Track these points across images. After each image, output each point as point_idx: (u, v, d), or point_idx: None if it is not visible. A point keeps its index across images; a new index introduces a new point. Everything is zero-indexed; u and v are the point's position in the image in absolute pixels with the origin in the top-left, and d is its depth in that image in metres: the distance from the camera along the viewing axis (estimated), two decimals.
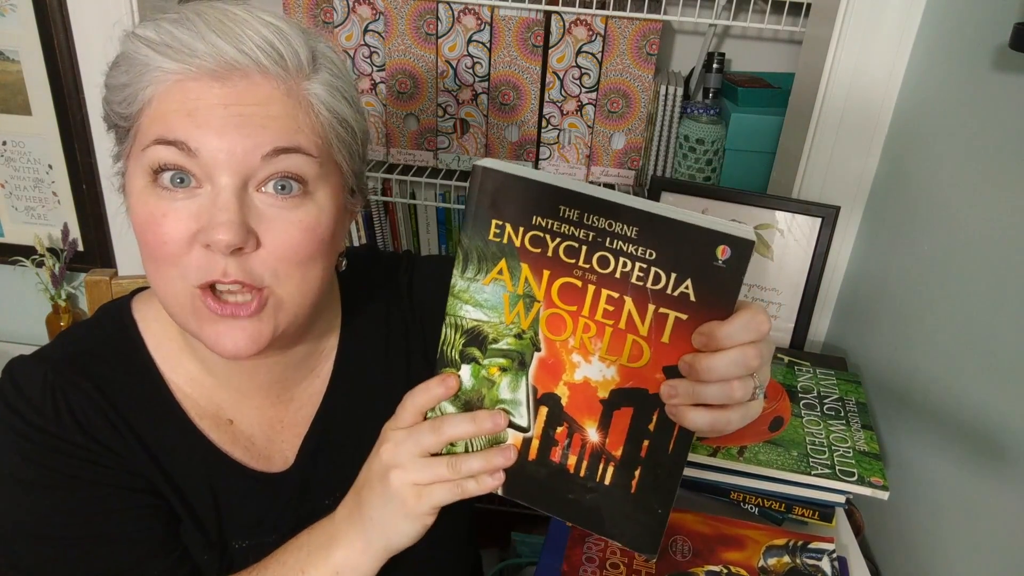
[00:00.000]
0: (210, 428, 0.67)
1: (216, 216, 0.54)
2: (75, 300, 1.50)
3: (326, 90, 0.59)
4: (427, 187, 1.50)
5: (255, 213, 0.56)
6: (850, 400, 0.92)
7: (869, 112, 1.03)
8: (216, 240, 0.53)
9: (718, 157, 1.36)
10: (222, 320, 0.56)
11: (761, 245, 1.07)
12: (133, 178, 0.57)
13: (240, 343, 0.57)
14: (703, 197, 1.08)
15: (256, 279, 0.56)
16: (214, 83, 0.54)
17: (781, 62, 1.45)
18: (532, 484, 0.60)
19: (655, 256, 0.51)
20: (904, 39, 0.99)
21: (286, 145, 0.55)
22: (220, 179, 0.54)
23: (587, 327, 0.54)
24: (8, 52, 1.30)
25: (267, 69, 0.55)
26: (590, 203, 0.51)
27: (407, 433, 0.58)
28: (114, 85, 0.57)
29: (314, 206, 0.58)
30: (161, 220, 0.55)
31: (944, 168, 0.88)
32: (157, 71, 0.55)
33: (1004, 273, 0.74)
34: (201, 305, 0.56)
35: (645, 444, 0.55)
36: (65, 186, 1.40)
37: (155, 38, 0.55)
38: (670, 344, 0.52)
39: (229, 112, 0.54)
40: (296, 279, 0.58)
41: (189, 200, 0.55)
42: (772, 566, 0.76)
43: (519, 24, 1.29)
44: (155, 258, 0.56)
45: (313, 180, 0.58)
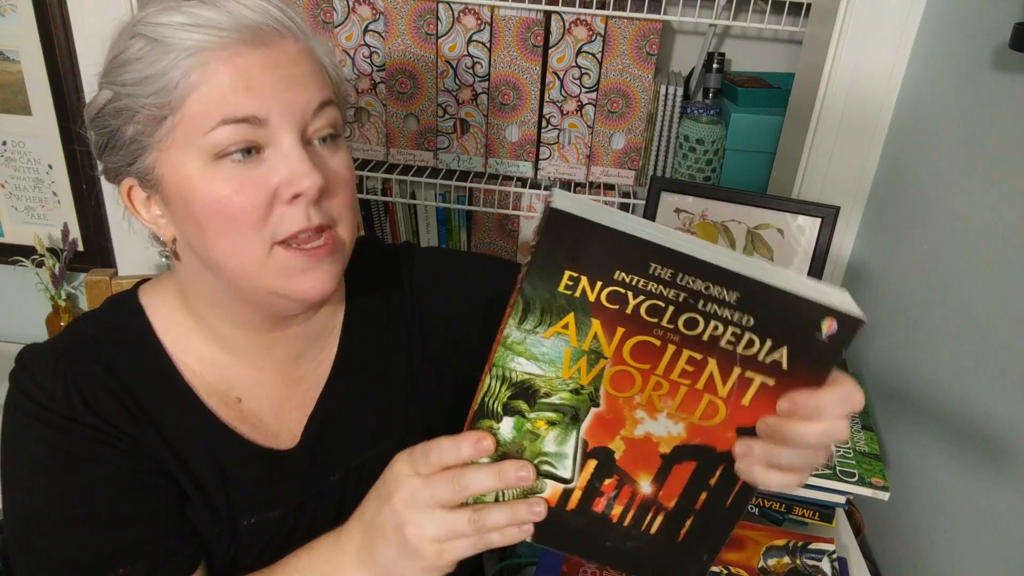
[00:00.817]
0: (218, 406, 0.68)
1: (296, 169, 0.58)
2: (75, 300, 1.50)
3: (322, 48, 0.64)
4: (427, 187, 1.50)
5: (319, 162, 0.61)
6: None
7: (869, 112, 1.03)
8: (305, 187, 0.58)
9: (718, 157, 1.36)
10: (305, 269, 0.61)
11: (761, 245, 1.07)
12: (182, 165, 0.59)
13: (326, 283, 0.62)
14: (703, 197, 1.08)
15: (329, 219, 0.62)
16: (255, 51, 0.58)
17: (781, 62, 1.45)
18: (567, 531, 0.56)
19: (753, 323, 0.47)
20: (904, 39, 0.99)
21: (326, 98, 0.62)
22: (284, 138, 0.59)
23: (659, 385, 0.50)
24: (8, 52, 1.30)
25: (290, 31, 0.60)
26: (688, 264, 0.46)
27: (423, 483, 0.53)
28: (141, 78, 0.57)
29: (345, 150, 0.65)
30: (239, 191, 0.58)
31: (944, 168, 0.88)
32: (197, 53, 0.56)
33: (1004, 273, 0.74)
34: (285, 259, 0.60)
35: (702, 497, 0.53)
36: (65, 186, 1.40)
37: (183, 20, 0.57)
38: (749, 407, 0.50)
39: (278, 75, 0.58)
40: (349, 219, 0.65)
41: (258, 166, 0.59)
42: (772, 567, 0.76)
43: (519, 24, 1.29)
44: (235, 228, 0.59)
45: (340, 128, 0.64)
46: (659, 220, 1.09)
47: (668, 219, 1.09)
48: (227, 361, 0.69)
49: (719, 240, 1.08)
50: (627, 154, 1.39)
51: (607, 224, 0.44)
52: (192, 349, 0.68)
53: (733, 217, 1.07)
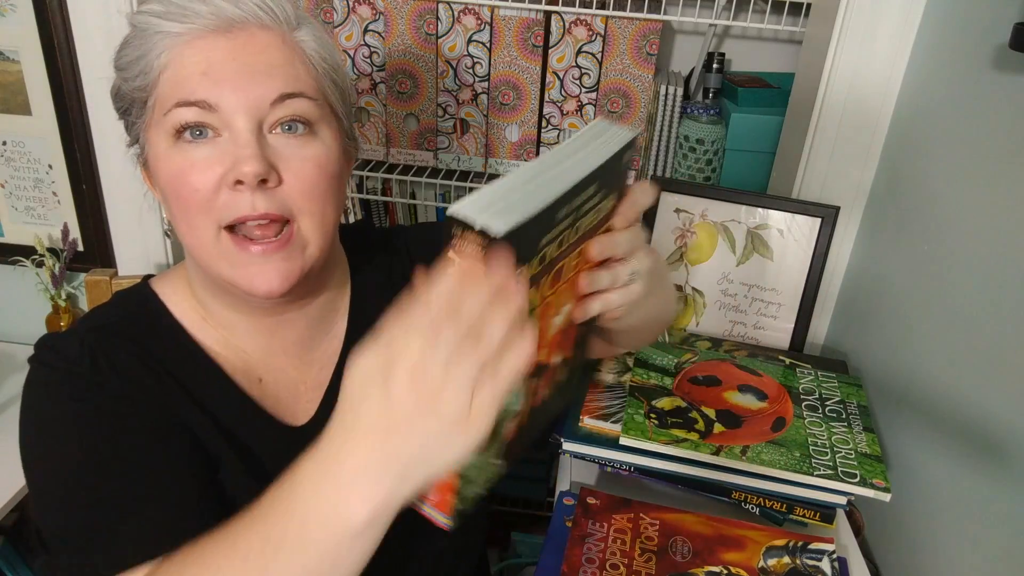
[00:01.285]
0: (243, 382, 0.70)
1: (239, 153, 0.59)
2: (75, 300, 1.50)
3: (314, 39, 0.65)
4: (427, 187, 1.50)
5: (272, 152, 0.61)
6: (851, 403, 0.92)
7: (869, 112, 1.03)
8: (244, 172, 0.58)
9: (718, 157, 1.36)
10: (253, 261, 0.61)
11: (761, 245, 1.07)
12: (156, 143, 0.62)
13: (273, 281, 0.61)
14: (703, 197, 1.08)
15: (283, 210, 0.61)
16: (220, 38, 0.60)
17: (781, 62, 1.45)
18: (523, 439, 0.57)
19: (598, 193, 0.52)
20: (904, 39, 0.99)
21: (290, 91, 0.61)
22: (237, 124, 0.60)
23: (561, 290, 0.53)
24: (8, 52, 1.30)
25: (264, 21, 0.62)
26: (567, 196, 0.47)
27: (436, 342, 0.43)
28: (127, 63, 0.62)
29: (321, 143, 0.64)
30: (189, 170, 0.60)
31: (944, 168, 0.88)
32: (168, 37, 0.60)
33: (1004, 273, 0.74)
34: (231, 247, 0.61)
35: (577, 347, 0.61)
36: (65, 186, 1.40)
37: (160, 8, 0.60)
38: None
39: (238, 64, 0.60)
40: (316, 215, 0.63)
41: (211, 148, 0.60)
42: (772, 567, 0.76)
43: (519, 24, 1.29)
44: (186, 208, 0.61)
45: (316, 121, 0.63)
46: (659, 220, 1.09)
47: (668, 219, 1.09)
48: (241, 346, 0.71)
49: (719, 240, 1.08)
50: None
51: (519, 221, 0.42)
52: (209, 334, 0.70)
53: (733, 217, 1.07)
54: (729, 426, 0.85)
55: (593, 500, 0.83)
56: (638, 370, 0.93)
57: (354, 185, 1.44)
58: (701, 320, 1.11)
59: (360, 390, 0.45)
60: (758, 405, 0.90)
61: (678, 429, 0.83)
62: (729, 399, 0.90)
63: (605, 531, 0.80)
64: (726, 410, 0.88)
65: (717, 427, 0.85)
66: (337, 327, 0.77)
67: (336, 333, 0.76)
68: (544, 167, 0.48)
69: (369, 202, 1.48)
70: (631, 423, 0.83)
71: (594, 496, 0.84)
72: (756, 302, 1.08)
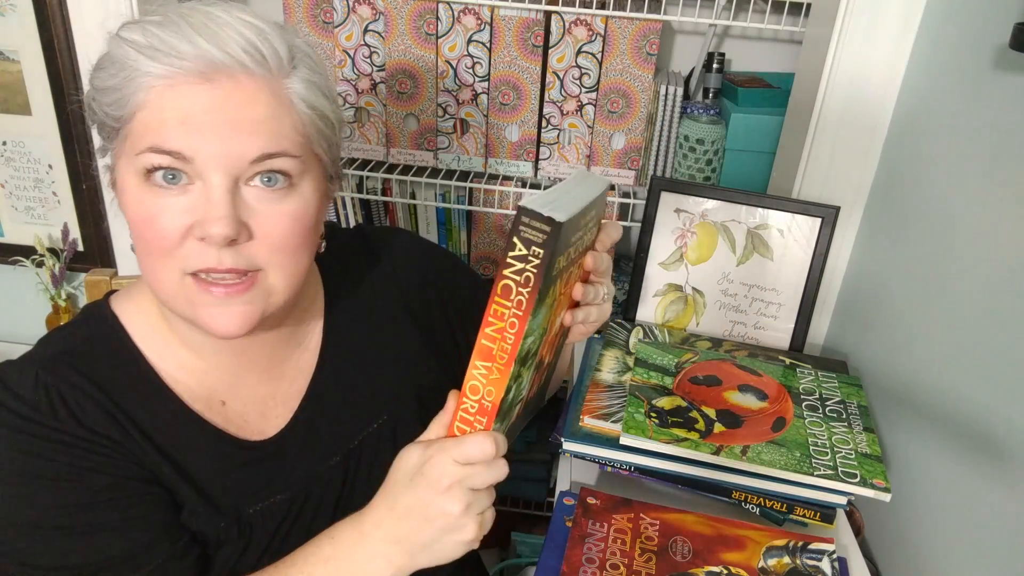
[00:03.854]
0: (203, 410, 0.69)
1: (210, 212, 0.57)
2: (75, 300, 1.50)
3: (305, 86, 0.62)
4: (427, 187, 1.50)
5: (245, 206, 0.59)
6: (852, 403, 0.92)
7: (869, 112, 1.03)
8: (212, 234, 0.57)
9: (718, 157, 1.36)
10: (214, 303, 0.60)
11: (761, 245, 1.07)
12: (125, 176, 0.60)
13: (233, 323, 0.61)
14: (703, 197, 1.08)
15: (251, 265, 0.60)
16: (202, 85, 0.57)
17: (781, 62, 1.45)
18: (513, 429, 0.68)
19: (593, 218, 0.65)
20: (904, 39, 0.99)
21: (272, 151, 0.59)
22: (212, 178, 0.58)
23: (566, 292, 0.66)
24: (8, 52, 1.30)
25: (251, 69, 0.58)
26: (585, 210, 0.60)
27: (467, 473, 0.59)
28: (103, 87, 0.59)
29: (299, 197, 0.62)
30: (157, 216, 0.58)
31: (944, 168, 0.88)
32: (146, 76, 0.57)
33: (1004, 274, 0.74)
34: (195, 291, 0.60)
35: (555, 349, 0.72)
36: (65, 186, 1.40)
37: (142, 41, 0.57)
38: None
39: (218, 117, 0.57)
40: (287, 267, 0.63)
41: (182, 196, 0.58)
42: (772, 567, 0.76)
43: (519, 24, 1.29)
44: (151, 251, 0.59)
45: (297, 175, 0.62)
46: (659, 220, 1.09)
47: (668, 219, 1.09)
48: (204, 368, 0.69)
49: (719, 240, 1.08)
50: (627, 154, 1.39)
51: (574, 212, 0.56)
52: (171, 356, 0.68)
53: (733, 217, 1.07)
54: (729, 426, 0.85)
55: (593, 500, 0.83)
56: (638, 369, 0.93)
57: (354, 185, 1.44)
58: (701, 320, 1.11)
59: (401, 478, 0.61)
60: (758, 405, 0.90)
61: (678, 428, 0.83)
62: (729, 399, 0.90)
63: (605, 531, 0.80)
64: (726, 410, 0.88)
65: (717, 427, 0.85)
66: (310, 339, 0.76)
67: (309, 345, 0.76)
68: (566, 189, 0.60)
69: (369, 202, 1.48)
70: (631, 422, 0.83)
71: (594, 496, 0.84)
72: (756, 302, 1.08)
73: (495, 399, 0.58)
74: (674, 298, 1.11)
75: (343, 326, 0.78)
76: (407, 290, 0.83)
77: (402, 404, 0.79)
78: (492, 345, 0.56)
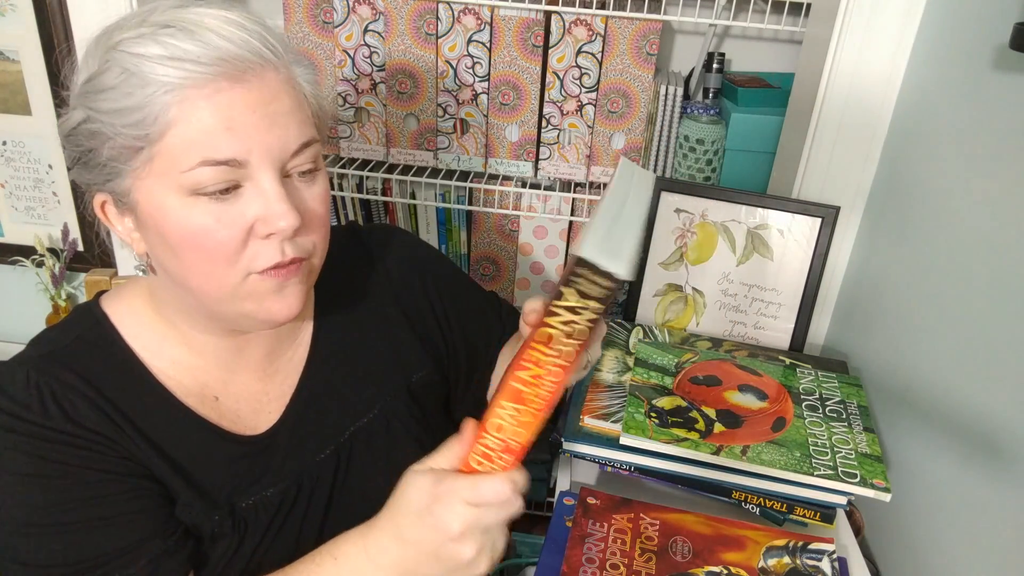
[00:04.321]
0: (196, 405, 0.69)
1: (271, 208, 0.59)
2: (75, 300, 1.50)
3: (305, 71, 0.64)
4: (427, 187, 1.50)
5: (294, 196, 0.61)
6: (852, 403, 0.92)
7: (869, 112, 1.03)
8: (280, 228, 0.59)
9: (718, 157, 1.36)
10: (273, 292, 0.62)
11: (761, 245, 1.07)
12: (158, 195, 0.58)
13: (293, 305, 0.64)
14: (703, 197, 1.08)
15: (307, 253, 0.64)
16: (236, 87, 0.57)
17: (781, 62, 1.45)
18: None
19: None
20: (904, 39, 0.99)
21: (306, 139, 0.62)
22: (263, 176, 0.59)
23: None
24: (8, 52, 1.30)
25: (272, 63, 0.59)
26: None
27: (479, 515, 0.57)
28: (117, 109, 0.56)
29: (323, 178, 0.66)
30: (216, 226, 0.58)
31: (944, 168, 0.88)
32: (176, 89, 0.55)
33: (1004, 273, 0.74)
34: (258, 285, 0.61)
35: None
36: (65, 186, 1.40)
37: (160, 52, 0.55)
38: None
39: (259, 116, 0.58)
40: (323, 245, 0.66)
41: (236, 201, 0.59)
42: (772, 567, 0.76)
43: (519, 24, 1.29)
44: (212, 260, 0.60)
45: (319, 159, 0.65)
46: (659, 220, 1.09)
47: (668, 219, 1.09)
48: (199, 364, 0.70)
49: (719, 240, 1.08)
50: (627, 154, 1.39)
51: (633, 261, 0.49)
52: (164, 354, 0.68)
53: (733, 217, 1.07)
54: (729, 426, 0.85)
55: (593, 500, 0.83)
56: (638, 369, 0.93)
57: (354, 185, 1.44)
58: (701, 320, 1.11)
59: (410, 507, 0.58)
60: (758, 405, 0.90)
61: (678, 428, 0.83)
62: (729, 399, 0.90)
63: (605, 531, 0.80)
64: (726, 410, 0.88)
65: (717, 427, 0.85)
66: (302, 336, 0.77)
67: (301, 341, 0.77)
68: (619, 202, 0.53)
69: (369, 202, 1.48)
70: (631, 422, 0.83)
71: (594, 496, 0.84)
72: (756, 302, 1.08)
73: (524, 441, 0.56)
74: (674, 298, 1.11)
75: (334, 322, 0.79)
76: (397, 286, 0.83)
77: (393, 398, 0.79)
78: (525, 389, 0.53)
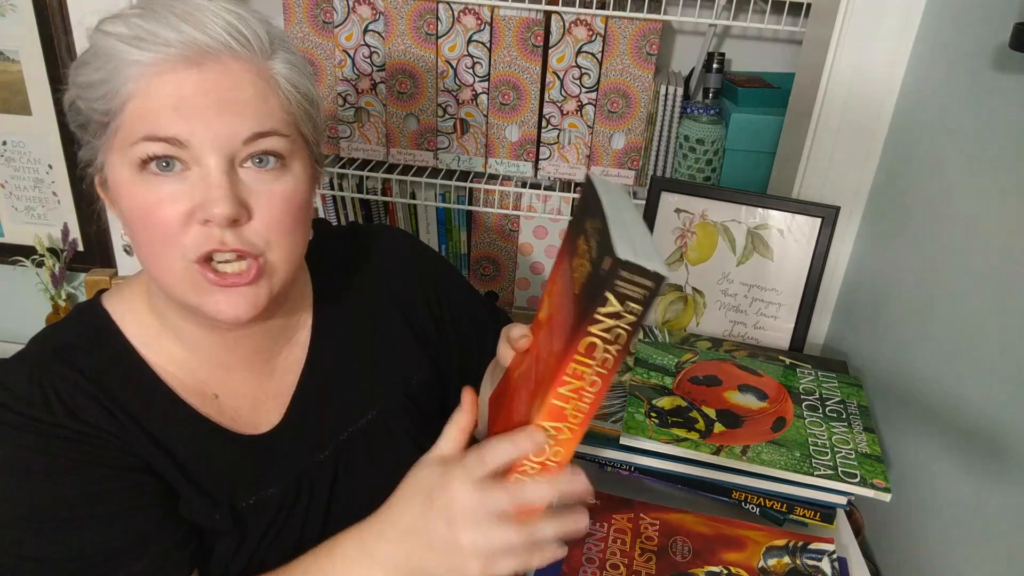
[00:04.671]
0: (197, 402, 0.69)
1: (211, 193, 0.58)
2: (75, 300, 1.50)
3: (287, 67, 0.63)
4: (427, 187, 1.50)
5: (243, 188, 0.60)
6: (852, 403, 0.92)
7: (869, 112, 1.03)
8: (214, 214, 0.58)
9: (718, 157, 1.36)
10: (222, 290, 0.61)
11: (761, 245, 1.07)
12: (117, 170, 0.60)
13: (240, 309, 0.62)
14: (703, 197, 1.08)
15: (252, 247, 0.61)
16: (191, 70, 0.58)
17: (781, 62, 1.45)
18: None
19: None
20: (904, 39, 0.99)
21: (263, 129, 0.60)
22: (208, 161, 0.58)
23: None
24: (8, 52, 1.30)
25: (236, 52, 0.59)
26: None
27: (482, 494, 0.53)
28: (88, 83, 0.59)
29: (292, 177, 0.63)
30: (157, 205, 0.58)
31: (944, 168, 0.88)
32: (134, 65, 0.57)
33: (1004, 274, 0.74)
34: (201, 279, 0.60)
35: None
36: (65, 186, 1.40)
37: (127, 32, 0.57)
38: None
39: (209, 99, 0.58)
40: (286, 246, 0.63)
41: (180, 183, 0.59)
42: (772, 567, 0.76)
43: (519, 24, 1.29)
44: (153, 241, 0.60)
45: (288, 155, 0.62)
46: (659, 220, 1.09)
47: (668, 219, 1.09)
48: (195, 361, 0.70)
49: (719, 240, 1.08)
50: (627, 154, 1.39)
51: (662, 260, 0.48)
52: (163, 351, 0.69)
53: (733, 217, 1.07)
54: (729, 426, 0.85)
55: (593, 500, 0.83)
56: (638, 369, 0.93)
57: (354, 185, 1.44)
58: (701, 320, 1.11)
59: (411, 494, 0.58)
60: (758, 405, 0.90)
61: (678, 428, 0.83)
62: (729, 399, 0.90)
63: (605, 531, 0.80)
64: (726, 410, 0.88)
65: (717, 427, 0.85)
66: (300, 334, 0.76)
67: (299, 340, 0.76)
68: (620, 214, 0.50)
69: (369, 202, 1.48)
70: (631, 422, 0.83)
71: (594, 496, 0.84)
72: (756, 302, 1.08)
73: (563, 459, 0.53)
74: (674, 298, 1.11)
75: (332, 321, 0.78)
76: (396, 286, 0.83)
77: (391, 399, 0.79)
78: (565, 406, 0.51)
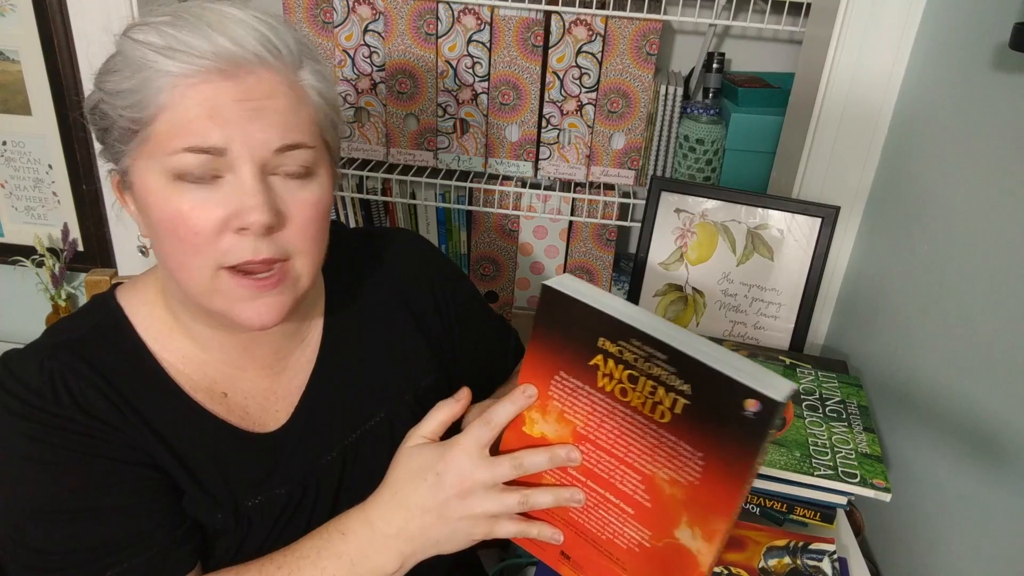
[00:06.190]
0: (205, 400, 0.69)
1: (246, 201, 0.58)
2: (75, 300, 1.50)
3: (316, 77, 0.63)
4: (427, 187, 1.50)
5: (275, 195, 0.61)
6: (852, 403, 0.92)
7: (869, 112, 1.03)
8: (252, 222, 0.58)
9: (718, 157, 1.36)
10: (250, 298, 0.62)
11: (761, 245, 1.07)
12: (146, 176, 0.60)
13: (265, 315, 0.63)
14: (703, 197, 1.08)
15: (283, 253, 0.62)
16: (225, 81, 0.58)
17: (781, 62, 1.45)
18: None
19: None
20: (904, 39, 0.99)
21: (293, 142, 0.61)
22: (242, 168, 0.59)
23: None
24: (8, 52, 1.30)
25: (269, 63, 0.60)
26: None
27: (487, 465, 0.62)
28: (117, 90, 0.59)
29: (318, 184, 0.64)
30: (191, 213, 0.59)
31: (944, 168, 0.88)
32: (167, 76, 0.57)
33: (1004, 273, 0.74)
34: (229, 285, 0.61)
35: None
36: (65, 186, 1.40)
37: (159, 42, 0.57)
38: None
39: (244, 107, 0.58)
40: (312, 253, 0.65)
41: (214, 191, 0.59)
42: (773, 567, 0.77)
43: (519, 24, 1.29)
44: (183, 249, 0.60)
45: (314, 164, 0.63)
46: (659, 220, 1.10)
47: (668, 219, 1.09)
48: (207, 359, 0.70)
49: (719, 240, 1.08)
50: (627, 154, 1.39)
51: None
52: (174, 347, 0.69)
53: (733, 217, 1.07)
54: None
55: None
56: None
57: (354, 185, 1.44)
58: (701, 320, 1.11)
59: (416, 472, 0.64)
60: None
61: None
62: None
63: None
64: None
65: None
66: (311, 335, 0.77)
67: (310, 341, 0.77)
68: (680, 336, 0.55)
69: (369, 202, 1.48)
70: None
71: None
72: (756, 302, 1.08)
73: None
74: (674, 298, 1.11)
75: (343, 324, 0.78)
76: (408, 291, 0.83)
77: (399, 402, 0.79)
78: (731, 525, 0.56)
